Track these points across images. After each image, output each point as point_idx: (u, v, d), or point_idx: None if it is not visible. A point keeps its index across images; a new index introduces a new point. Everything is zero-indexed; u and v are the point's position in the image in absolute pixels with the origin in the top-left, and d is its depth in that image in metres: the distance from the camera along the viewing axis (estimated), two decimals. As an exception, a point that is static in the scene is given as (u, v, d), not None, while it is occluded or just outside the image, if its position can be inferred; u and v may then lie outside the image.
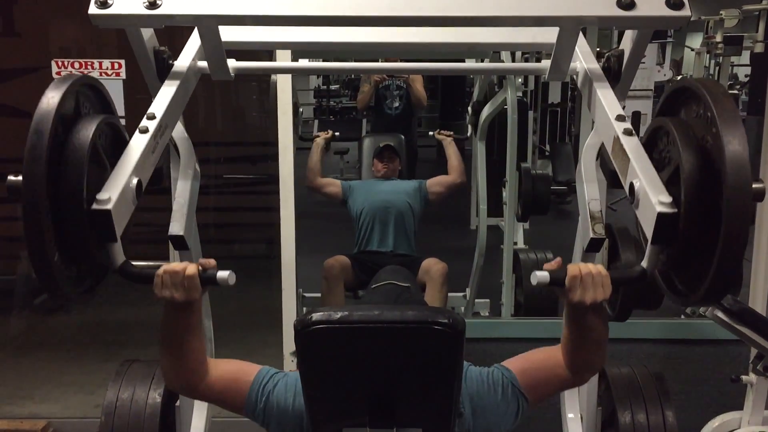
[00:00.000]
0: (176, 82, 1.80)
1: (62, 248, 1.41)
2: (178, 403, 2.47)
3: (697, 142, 1.39)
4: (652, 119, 1.68)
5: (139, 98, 2.40)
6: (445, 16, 1.67)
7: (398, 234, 3.79)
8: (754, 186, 1.28)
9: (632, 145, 1.54)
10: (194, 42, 1.91)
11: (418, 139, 6.62)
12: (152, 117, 1.66)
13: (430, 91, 6.49)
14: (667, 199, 1.38)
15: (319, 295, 3.75)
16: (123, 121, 3.04)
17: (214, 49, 1.81)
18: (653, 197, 1.40)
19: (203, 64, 1.90)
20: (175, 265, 1.46)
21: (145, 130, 1.62)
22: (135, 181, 1.52)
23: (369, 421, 1.43)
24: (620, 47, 1.86)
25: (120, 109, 3.02)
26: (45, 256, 1.34)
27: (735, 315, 2.42)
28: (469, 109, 4.96)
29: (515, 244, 5.06)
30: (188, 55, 1.89)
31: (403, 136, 4.73)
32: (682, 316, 4.59)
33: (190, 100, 1.92)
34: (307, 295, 4.19)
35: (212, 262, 1.50)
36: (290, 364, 2.96)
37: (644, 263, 1.48)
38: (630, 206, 1.53)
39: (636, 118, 7.96)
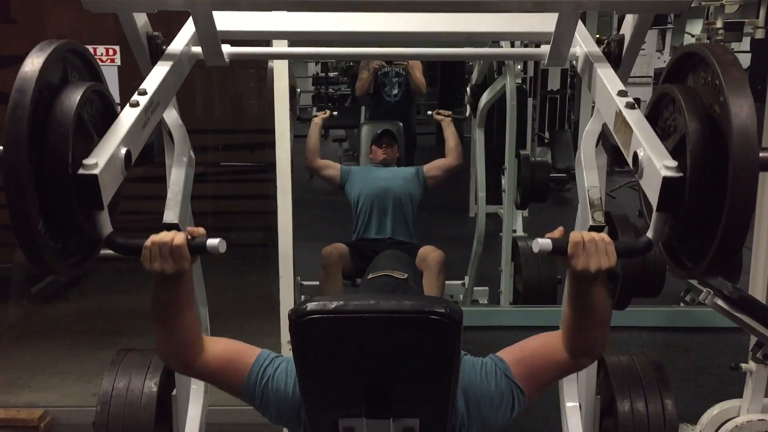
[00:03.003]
0: (169, 63, 1.77)
1: (48, 218, 1.35)
2: (174, 392, 2.47)
3: (703, 110, 1.36)
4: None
5: (135, 85, 2.37)
6: (445, 1, 1.65)
7: (396, 221, 3.77)
8: (761, 155, 1.26)
9: (635, 117, 1.51)
10: (189, 28, 1.88)
11: (417, 126, 6.59)
12: (143, 92, 1.63)
13: (429, 78, 6.44)
14: (672, 163, 1.35)
15: (317, 283, 3.74)
16: (118, 109, 3.03)
17: (208, 34, 1.78)
18: (658, 162, 1.37)
19: (197, 49, 1.88)
20: (162, 235, 1.41)
21: (135, 104, 1.58)
22: (124, 150, 1.47)
23: (365, 411, 1.42)
24: (621, 32, 1.84)
25: (115, 96, 3.02)
26: (29, 225, 1.28)
27: (735, 303, 2.41)
28: (468, 90, 4.93)
29: (514, 231, 5.04)
30: (182, 41, 1.86)
31: (401, 124, 4.71)
32: (682, 304, 4.59)
33: (187, 87, 1.90)
34: (305, 283, 4.18)
35: (201, 230, 1.45)
36: (287, 352, 2.93)
37: (649, 233, 1.44)
38: (629, 193, 1.51)
39: (636, 105, 7.93)
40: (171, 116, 2.07)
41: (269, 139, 2.90)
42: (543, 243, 1.40)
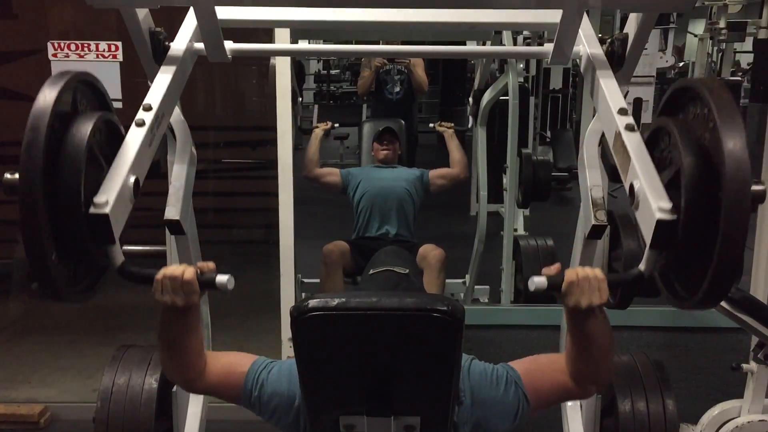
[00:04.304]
0: (172, 68, 1.77)
1: (60, 247, 1.40)
2: (174, 389, 2.46)
3: (698, 145, 1.37)
4: (653, 112, 1.68)
5: (137, 81, 2.37)
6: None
7: (398, 221, 3.77)
8: (753, 188, 1.26)
9: (634, 143, 1.52)
10: (190, 23, 1.88)
11: (419, 124, 6.58)
12: (149, 108, 1.64)
13: (431, 76, 6.42)
14: (667, 205, 1.37)
15: (317, 280, 3.73)
16: (120, 104, 3.04)
17: (210, 30, 1.78)
18: (653, 203, 1.38)
19: (200, 45, 1.87)
20: (173, 268, 1.47)
21: (141, 123, 1.60)
22: (132, 179, 1.51)
23: (366, 409, 1.42)
24: (624, 31, 1.84)
25: (117, 92, 3.02)
26: (43, 257, 1.33)
27: (736, 303, 2.41)
28: (470, 99, 4.92)
29: (515, 230, 5.05)
30: (184, 37, 1.85)
31: (403, 121, 4.70)
32: (683, 304, 4.58)
33: (188, 84, 1.89)
34: (305, 280, 4.18)
35: (211, 265, 1.51)
36: (288, 350, 2.95)
37: (642, 266, 1.47)
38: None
39: (638, 104, 7.93)
40: (173, 113, 2.06)
41: (271, 136, 2.90)
42: (539, 281, 1.45)
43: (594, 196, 1.84)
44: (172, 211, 1.83)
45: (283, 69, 2.80)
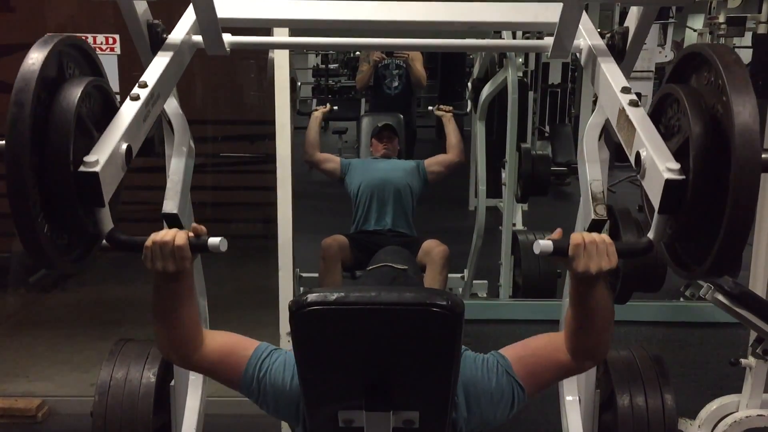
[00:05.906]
0: (170, 53, 1.76)
1: (49, 214, 1.36)
2: (172, 383, 2.46)
3: (707, 111, 1.35)
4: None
5: (135, 74, 2.35)
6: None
7: (396, 212, 3.76)
8: (763, 156, 1.25)
9: (638, 116, 1.50)
10: (189, 16, 1.87)
11: (417, 119, 6.56)
12: (144, 85, 1.63)
13: (429, 70, 6.40)
14: (675, 165, 1.35)
15: (316, 275, 3.73)
16: (117, 98, 3.01)
17: (209, 22, 1.77)
18: (660, 164, 1.36)
19: (198, 38, 1.86)
20: (163, 233, 1.41)
21: (136, 98, 1.58)
22: (124, 146, 1.48)
23: (365, 404, 1.41)
24: (625, 24, 1.83)
25: (115, 85, 3.01)
26: (30, 221, 1.29)
27: (735, 298, 2.41)
28: (469, 85, 4.91)
29: (514, 225, 5.03)
30: (183, 29, 1.84)
31: (402, 116, 4.69)
32: (682, 299, 4.58)
33: (187, 77, 1.88)
34: (304, 275, 4.17)
35: (203, 228, 1.45)
36: (286, 344, 2.94)
37: (651, 234, 1.44)
38: (629, 188, 1.50)
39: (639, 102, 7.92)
40: (171, 106, 2.06)
41: (269, 130, 2.89)
42: (544, 245, 1.39)
43: (594, 190, 1.84)
44: (170, 205, 1.83)
45: (281, 62, 2.79)
